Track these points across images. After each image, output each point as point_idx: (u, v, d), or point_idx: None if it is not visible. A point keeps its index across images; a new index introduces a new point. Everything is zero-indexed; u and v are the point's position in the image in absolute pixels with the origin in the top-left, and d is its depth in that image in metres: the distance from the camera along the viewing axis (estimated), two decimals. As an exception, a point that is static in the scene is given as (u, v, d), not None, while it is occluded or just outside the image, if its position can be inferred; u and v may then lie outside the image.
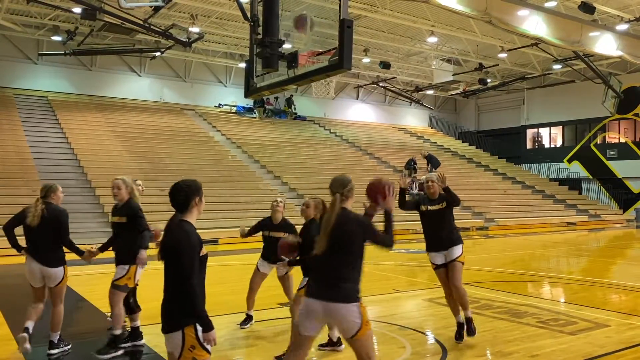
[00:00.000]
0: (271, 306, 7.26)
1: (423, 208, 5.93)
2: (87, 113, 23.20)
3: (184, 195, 3.34)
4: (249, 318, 6.45)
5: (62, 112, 22.25)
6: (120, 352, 5.36)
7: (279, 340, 5.82)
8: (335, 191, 3.71)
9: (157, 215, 17.36)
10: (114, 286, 5.40)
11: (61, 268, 5.33)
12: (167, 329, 3.15)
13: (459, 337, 5.77)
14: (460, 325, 5.81)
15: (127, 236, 5.47)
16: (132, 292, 5.71)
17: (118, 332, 5.35)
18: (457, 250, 5.88)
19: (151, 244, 5.53)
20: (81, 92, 24.77)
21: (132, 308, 5.73)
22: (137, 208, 5.53)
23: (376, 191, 3.87)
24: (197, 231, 3.28)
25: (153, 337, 5.94)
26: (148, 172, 18.75)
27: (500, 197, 25.87)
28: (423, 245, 6.25)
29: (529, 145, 34.87)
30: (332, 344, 5.52)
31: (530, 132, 34.71)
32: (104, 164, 18.51)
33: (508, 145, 34.07)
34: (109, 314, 5.67)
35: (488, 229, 22.12)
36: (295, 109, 30.68)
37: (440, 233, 5.87)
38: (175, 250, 3.12)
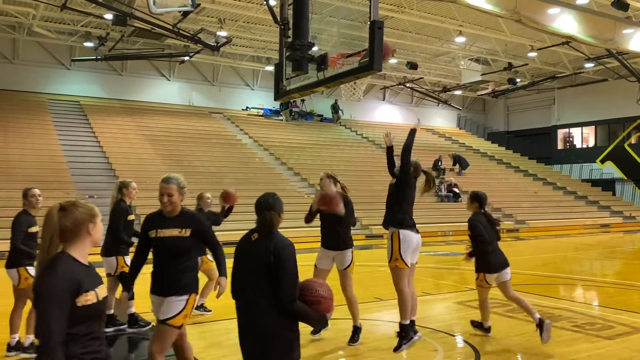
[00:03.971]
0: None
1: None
2: (118, 117, 23.65)
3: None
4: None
5: (93, 116, 22.73)
6: None
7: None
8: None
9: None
10: None
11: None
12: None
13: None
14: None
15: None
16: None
17: None
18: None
19: None
20: (112, 96, 25.27)
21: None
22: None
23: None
24: (228, 233, 3.30)
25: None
26: (177, 175, 18.99)
27: (531, 199, 25.43)
28: (451, 248, 6.19)
29: (560, 146, 34.21)
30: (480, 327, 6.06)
31: (561, 132, 34.05)
32: (135, 166, 18.82)
33: (538, 145, 33.48)
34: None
35: (518, 231, 21.77)
36: (342, 114, 30.60)
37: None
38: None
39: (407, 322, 5.29)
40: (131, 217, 6.33)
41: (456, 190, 23.23)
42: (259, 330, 2.99)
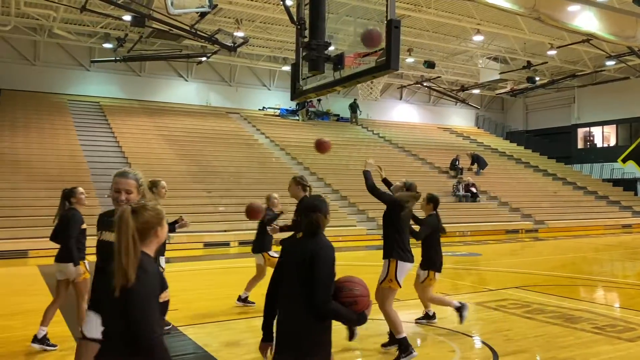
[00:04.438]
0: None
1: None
2: (137, 117, 23.90)
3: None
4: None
5: (113, 117, 23.00)
6: None
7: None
8: None
9: (204, 217, 17.67)
10: None
11: None
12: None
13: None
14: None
15: None
16: None
17: None
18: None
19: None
20: (131, 97, 25.54)
21: None
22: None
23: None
24: (245, 233, 3.32)
25: (202, 336, 6.08)
26: (195, 174, 19.14)
27: (550, 199, 25.12)
28: (469, 248, 6.15)
29: (580, 145, 33.73)
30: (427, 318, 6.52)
31: (581, 132, 33.57)
32: (154, 167, 18.99)
33: (558, 145, 33.05)
34: None
35: (537, 232, 21.52)
36: (360, 114, 30.56)
37: None
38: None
39: (403, 335, 5.21)
40: None
41: (474, 190, 23.04)
42: (291, 328, 3.03)
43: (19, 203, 15.01)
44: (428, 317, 6.65)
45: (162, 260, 6.17)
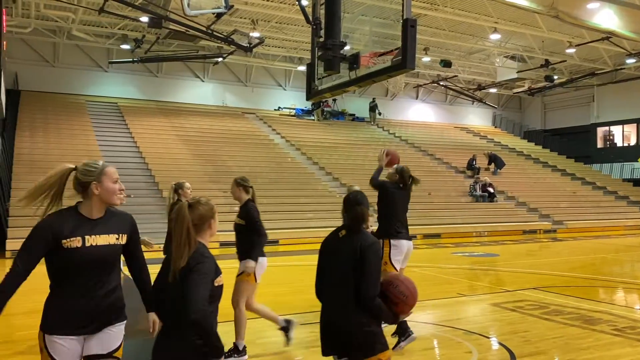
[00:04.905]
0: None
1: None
2: (154, 118, 24.10)
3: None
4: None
5: (130, 117, 23.23)
6: None
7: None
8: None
9: (220, 217, 17.86)
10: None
11: None
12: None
13: None
14: None
15: (243, 238, 5.43)
16: None
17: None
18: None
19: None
20: (148, 97, 25.77)
21: None
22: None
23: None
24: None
25: (222, 335, 6.08)
26: (211, 175, 19.25)
27: (569, 199, 24.81)
28: (486, 249, 6.10)
29: (599, 144, 33.23)
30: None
31: (600, 131, 33.07)
32: (170, 166, 19.16)
33: (577, 144, 32.61)
34: None
35: (556, 232, 21.27)
36: (379, 114, 30.42)
37: None
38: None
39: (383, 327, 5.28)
40: None
41: (491, 190, 22.84)
42: (344, 327, 3.06)
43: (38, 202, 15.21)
44: None
45: None
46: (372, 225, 5.79)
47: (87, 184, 2.94)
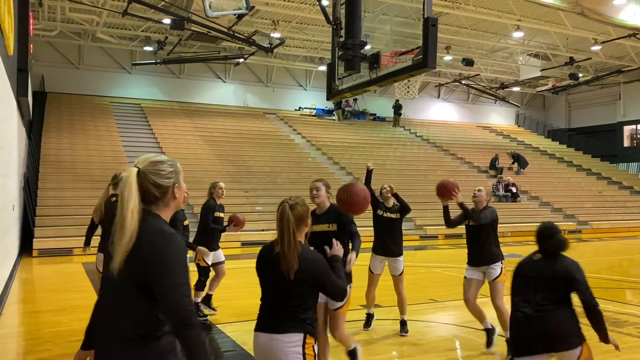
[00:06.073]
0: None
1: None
2: (177, 118, 24.37)
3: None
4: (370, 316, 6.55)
5: (153, 118, 23.52)
6: None
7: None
8: None
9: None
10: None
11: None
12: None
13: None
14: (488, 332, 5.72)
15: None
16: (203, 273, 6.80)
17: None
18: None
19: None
20: (171, 98, 26.07)
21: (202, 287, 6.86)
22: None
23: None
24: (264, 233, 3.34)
25: (240, 334, 6.13)
26: (233, 175, 19.38)
27: (594, 199, 24.36)
28: (509, 249, 6.02)
29: (626, 143, 32.55)
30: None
31: (627, 129, 32.39)
32: (193, 166, 19.32)
33: (602, 143, 31.99)
34: None
35: (581, 232, 20.90)
36: (402, 115, 30.19)
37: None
38: None
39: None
40: (219, 214, 7.00)
41: (514, 189, 22.55)
42: (555, 331, 3.59)
43: (64, 202, 15.50)
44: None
45: (219, 252, 7.09)
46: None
47: (168, 187, 2.19)
